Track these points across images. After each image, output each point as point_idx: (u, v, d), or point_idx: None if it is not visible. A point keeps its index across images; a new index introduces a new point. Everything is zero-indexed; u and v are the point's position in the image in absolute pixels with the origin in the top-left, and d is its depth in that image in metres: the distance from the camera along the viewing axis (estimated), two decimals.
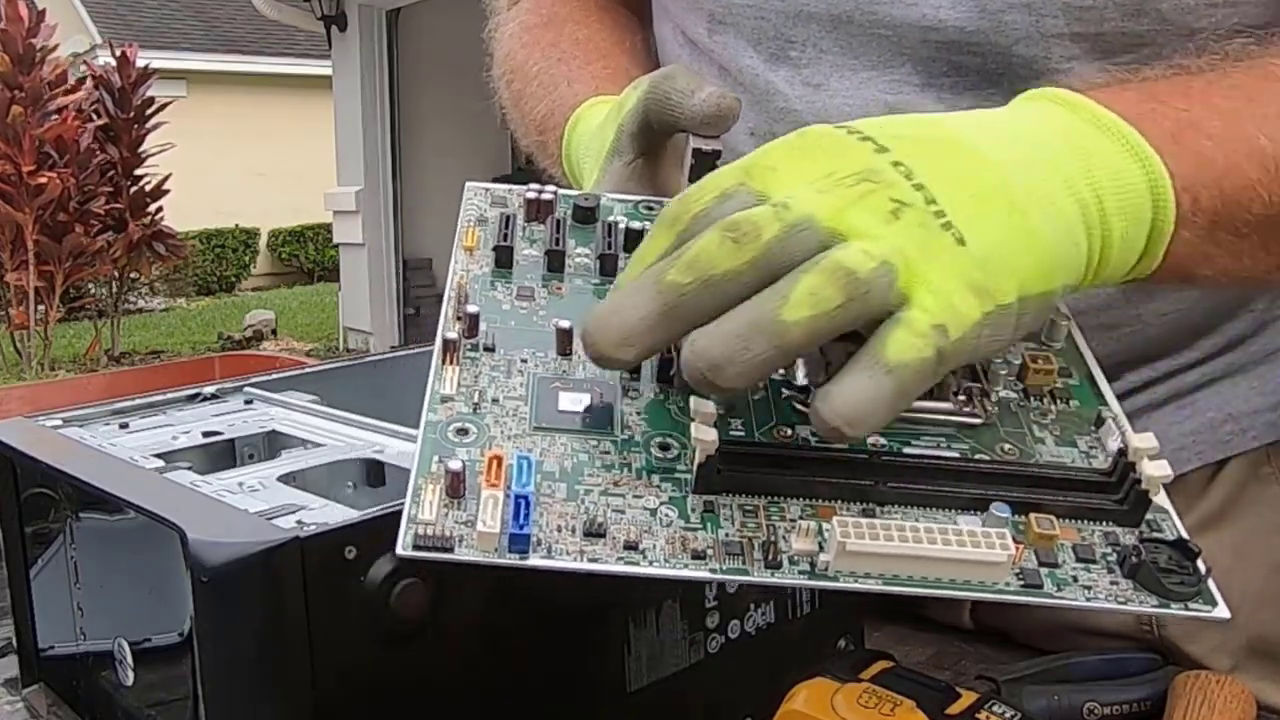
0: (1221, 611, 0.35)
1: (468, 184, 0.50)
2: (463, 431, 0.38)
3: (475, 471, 0.36)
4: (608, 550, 0.35)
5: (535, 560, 0.35)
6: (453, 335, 0.40)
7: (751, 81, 0.65)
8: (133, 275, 6.44)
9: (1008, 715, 0.44)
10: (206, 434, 0.56)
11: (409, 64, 6.61)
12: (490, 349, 0.41)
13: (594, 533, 0.35)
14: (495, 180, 0.53)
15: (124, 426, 0.57)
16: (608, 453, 0.38)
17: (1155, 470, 0.36)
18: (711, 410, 0.36)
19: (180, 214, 6.68)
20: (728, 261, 0.34)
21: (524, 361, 0.41)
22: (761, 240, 0.34)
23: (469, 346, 0.41)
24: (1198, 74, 0.48)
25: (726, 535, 0.36)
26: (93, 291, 6.71)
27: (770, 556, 0.35)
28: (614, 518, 0.36)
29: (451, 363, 0.40)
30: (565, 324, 0.41)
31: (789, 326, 0.33)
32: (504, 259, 0.45)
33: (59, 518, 0.52)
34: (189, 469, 0.50)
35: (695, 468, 0.37)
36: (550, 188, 0.49)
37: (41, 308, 5.67)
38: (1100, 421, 0.40)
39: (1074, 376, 0.43)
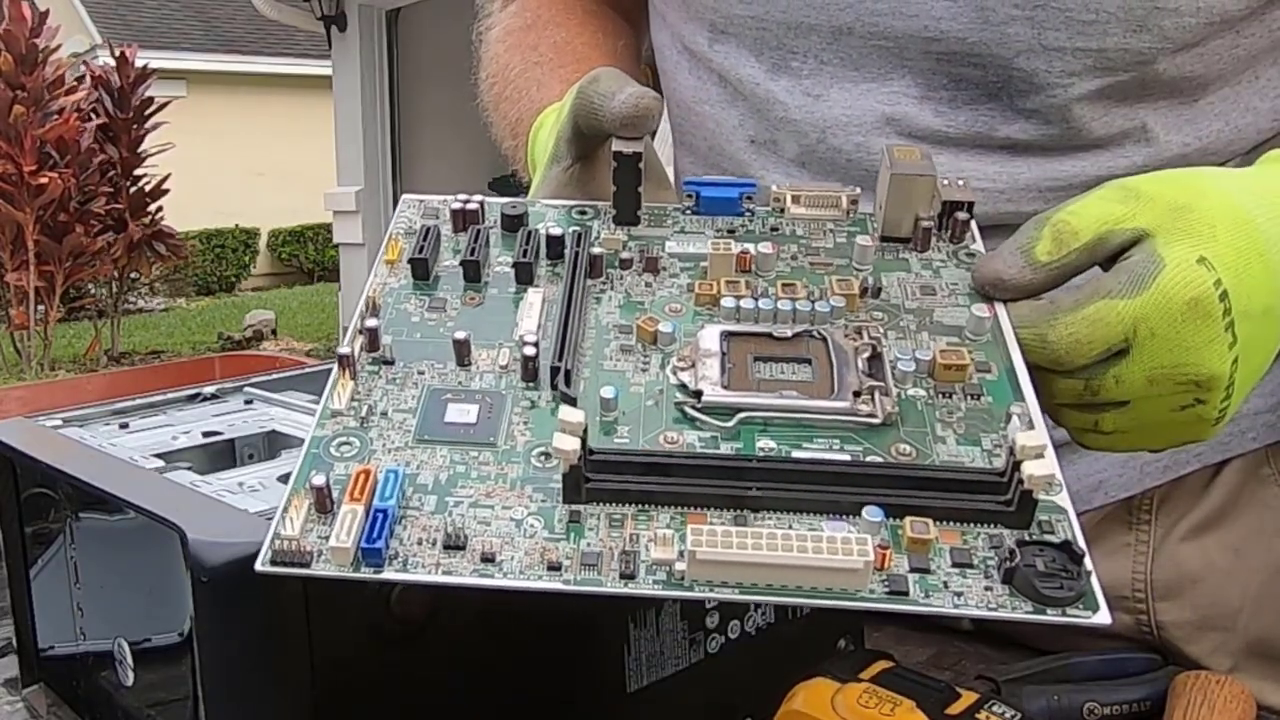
0: (1102, 617, 0.34)
1: (404, 196, 0.51)
2: (345, 445, 0.38)
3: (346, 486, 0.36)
4: (464, 563, 0.35)
5: (390, 574, 0.35)
6: (346, 350, 0.41)
7: (751, 91, 0.64)
8: (133, 275, 6.44)
9: (1008, 715, 0.44)
10: (206, 434, 0.56)
11: (409, 64, 6.60)
12: (389, 362, 0.42)
13: (453, 545, 0.35)
14: (494, 181, 0.54)
15: (124, 426, 0.57)
16: (487, 463, 0.38)
17: (1039, 469, 0.35)
18: (578, 420, 0.35)
19: (180, 214, 6.68)
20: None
21: (421, 374, 0.41)
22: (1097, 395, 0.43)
23: (368, 360, 0.42)
24: None
25: (587, 545, 0.35)
26: (93, 291, 6.70)
27: (625, 566, 0.35)
28: (478, 529, 0.36)
29: (347, 377, 0.41)
30: (461, 335, 0.42)
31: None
32: (419, 271, 0.46)
33: (59, 518, 0.52)
34: (189, 469, 0.50)
35: (561, 478, 0.37)
36: (476, 197, 0.49)
37: (41, 308, 5.66)
38: (1009, 419, 0.39)
39: (992, 371, 0.42)
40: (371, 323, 0.42)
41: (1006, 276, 0.43)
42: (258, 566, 0.35)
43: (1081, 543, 0.35)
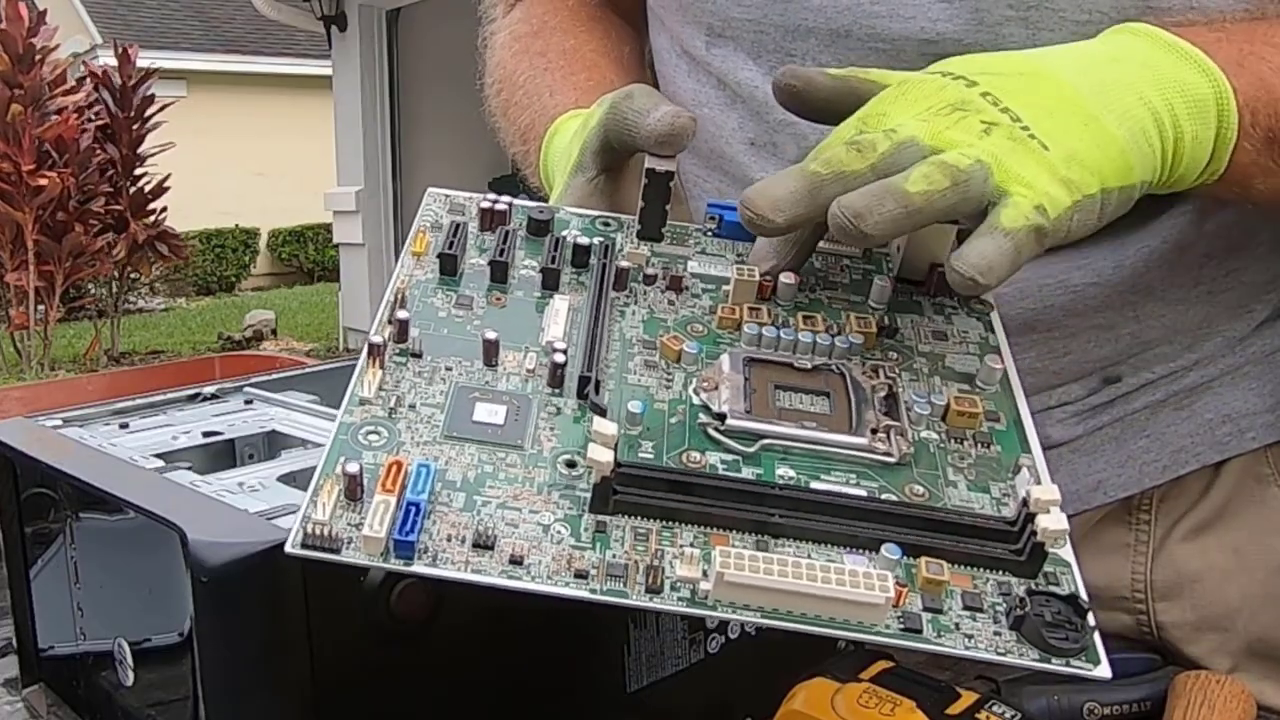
0: (1103, 671, 0.35)
1: (429, 189, 0.51)
2: (374, 434, 0.39)
3: (377, 476, 0.36)
4: (493, 563, 0.35)
5: (419, 567, 0.35)
6: (378, 339, 0.41)
7: (750, 94, 0.65)
8: (133, 275, 6.44)
9: (1008, 715, 0.44)
10: (206, 434, 0.56)
11: (409, 64, 6.60)
12: (417, 355, 0.42)
13: (482, 544, 0.36)
14: (494, 181, 0.54)
15: (124, 426, 0.57)
16: (513, 466, 0.38)
17: (1052, 524, 0.36)
18: (612, 433, 0.36)
19: (180, 214, 6.67)
20: (854, 164, 0.43)
21: (448, 369, 0.42)
22: (877, 151, 0.43)
23: (396, 351, 0.42)
24: (1262, 20, 0.53)
25: (613, 556, 0.36)
26: (93, 291, 6.71)
27: (652, 581, 0.35)
28: (506, 531, 0.36)
29: (375, 366, 0.41)
30: (492, 335, 0.42)
31: (911, 195, 0.41)
32: (448, 266, 0.46)
33: (59, 518, 0.52)
34: (189, 469, 0.50)
35: (591, 488, 0.37)
36: (505, 198, 0.49)
37: (41, 308, 5.66)
38: (1018, 470, 0.40)
39: (1001, 421, 0.42)
40: (402, 314, 0.42)
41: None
42: (287, 548, 0.35)
43: (1085, 596, 0.36)
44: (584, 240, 0.47)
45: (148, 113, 6.10)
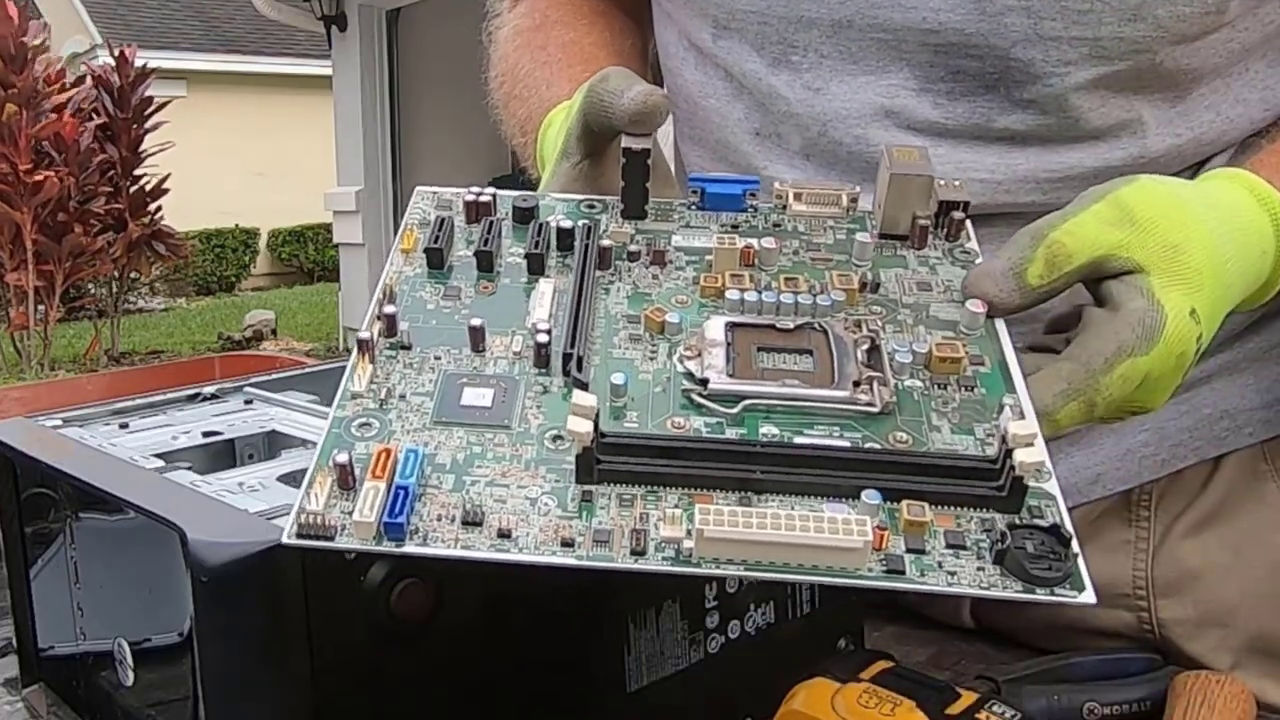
0: (1088, 597, 0.35)
1: (417, 188, 0.52)
2: (365, 426, 0.39)
3: (368, 465, 0.37)
4: (482, 538, 0.36)
5: (410, 548, 0.36)
6: (366, 335, 0.42)
7: (755, 85, 0.65)
8: (133, 275, 6.44)
9: (1008, 715, 0.44)
10: (206, 434, 0.56)
11: (409, 64, 6.60)
12: (406, 347, 0.43)
13: (471, 521, 0.36)
14: (494, 180, 0.54)
15: (124, 426, 0.57)
16: (501, 445, 0.39)
17: (1029, 457, 0.36)
18: (590, 404, 0.36)
19: (180, 214, 6.67)
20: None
21: (438, 359, 0.42)
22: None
23: (386, 345, 0.43)
24: None
25: (599, 524, 0.37)
26: (93, 291, 6.71)
27: (636, 544, 0.36)
28: (494, 507, 0.37)
29: (366, 361, 0.41)
30: (477, 322, 0.43)
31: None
32: (434, 260, 0.47)
33: (59, 518, 0.52)
34: (189, 469, 0.50)
35: (575, 459, 0.38)
36: (489, 190, 0.50)
37: (41, 308, 5.67)
38: (1002, 410, 0.40)
39: (985, 364, 0.43)
40: (389, 309, 0.43)
41: (998, 301, 0.45)
42: (283, 539, 0.36)
43: (1069, 526, 0.36)
44: (567, 224, 0.48)
45: (147, 113, 6.10)
